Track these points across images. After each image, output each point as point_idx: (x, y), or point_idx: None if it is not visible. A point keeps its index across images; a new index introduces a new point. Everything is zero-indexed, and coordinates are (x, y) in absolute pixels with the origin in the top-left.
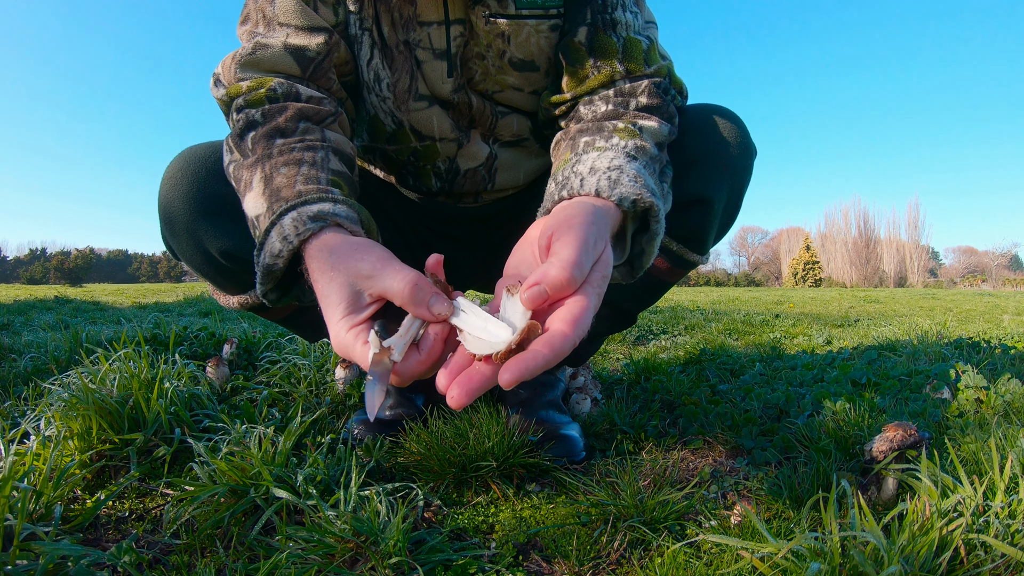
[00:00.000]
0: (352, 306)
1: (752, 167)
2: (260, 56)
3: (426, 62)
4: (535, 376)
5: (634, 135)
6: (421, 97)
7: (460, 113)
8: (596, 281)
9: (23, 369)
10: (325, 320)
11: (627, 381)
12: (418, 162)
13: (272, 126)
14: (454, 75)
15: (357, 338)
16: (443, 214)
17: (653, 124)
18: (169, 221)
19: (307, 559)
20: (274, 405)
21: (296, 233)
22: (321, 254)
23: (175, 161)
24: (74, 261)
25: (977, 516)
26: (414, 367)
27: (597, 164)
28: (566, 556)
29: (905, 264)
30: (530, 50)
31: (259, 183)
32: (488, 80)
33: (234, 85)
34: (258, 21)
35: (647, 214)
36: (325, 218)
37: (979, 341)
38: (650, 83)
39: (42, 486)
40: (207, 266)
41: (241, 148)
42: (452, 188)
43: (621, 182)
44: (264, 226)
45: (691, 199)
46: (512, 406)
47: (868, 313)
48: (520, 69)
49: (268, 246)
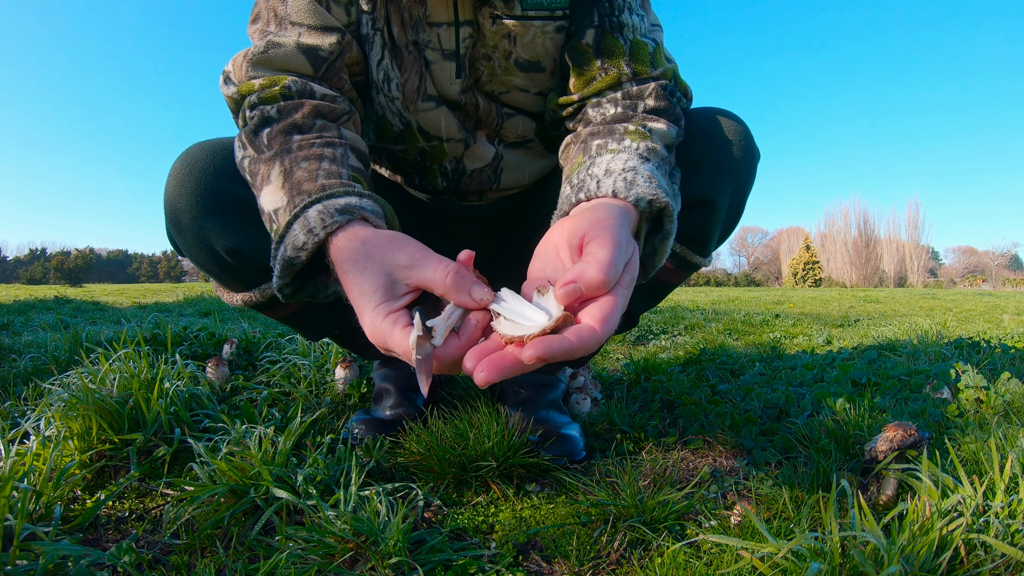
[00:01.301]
0: (388, 294)
1: (756, 170)
2: (272, 55)
3: (435, 63)
4: (555, 359)
5: (645, 137)
6: (429, 98)
7: (467, 114)
8: (625, 282)
9: (23, 369)
10: (357, 310)
11: (627, 381)
12: (425, 162)
13: (289, 122)
14: (462, 76)
15: (396, 323)
16: (448, 213)
17: (662, 126)
18: (175, 219)
19: (307, 559)
20: (274, 405)
21: (323, 225)
22: (352, 244)
23: (181, 158)
24: (74, 261)
25: (977, 516)
26: (454, 352)
27: (612, 166)
28: (566, 556)
29: (905, 264)
30: (536, 51)
31: (278, 177)
32: (494, 81)
33: (246, 83)
34: (269, 20)
35: (661, 214)
36: (352, 211)
37: (979, 341)
38: (657, 86)
39: (42, 486)
40: (212, 264)
41: (256, 143)
42: (458, 187)
43: (637, 183)
44: (285, 219)
45: (695, 201)
46: (512, 406)
47: (868, 313)
48: (526, 70)
49: (290, 238)
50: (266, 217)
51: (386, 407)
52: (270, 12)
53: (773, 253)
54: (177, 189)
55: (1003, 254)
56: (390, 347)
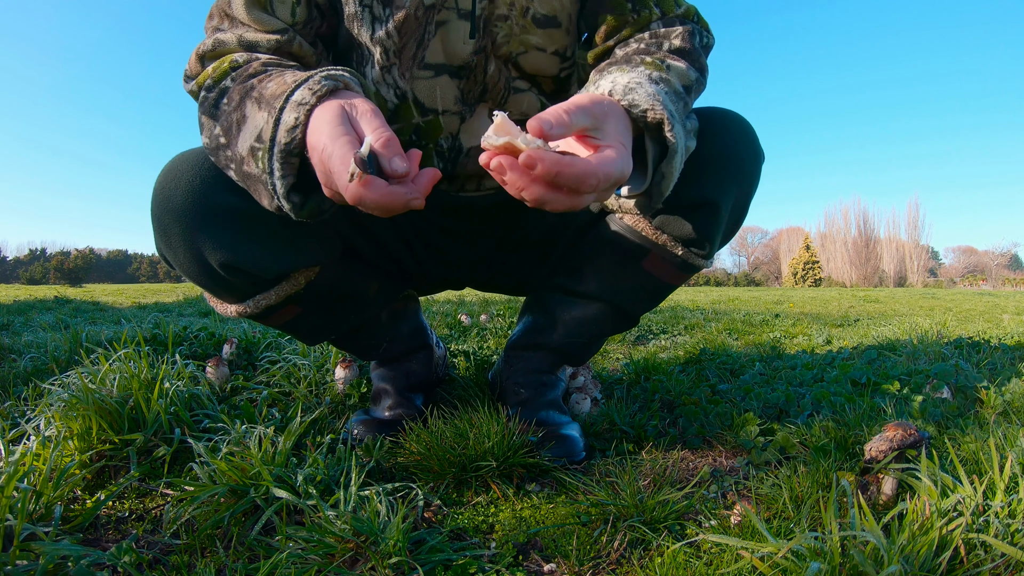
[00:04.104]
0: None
1: (760, 173)
2: (219, 51)
3: (448, 22)
4: (548, 167)
5: (660, 69)
6: (427, 66)
7: (473, 81)
8: (614, 129)
9: (23, 369)
10: (326, 155)
11: (627, 381)
12: (420, 141)
13: (244, 75)
14: (476, 36)
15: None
16: (443, 204)
17: (681, 65)
18: (164, 235)
19: (307, 559)
20: (274, 405)
21: (312, 92)
22: (341, 96)
23: (166, 171)
24: (74, 261)
25: (977, 516)
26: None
27: (617, 80)
28: (566, 556)
29: (905, 264)
30: (552, 5)
31: (252, 107)
32: (512, 41)
33: (200, 75)
34: (222, 18)
35: (660, 130)
36: (337, 79)
37: (979, 341)
38: (684, 29)
39: (42, 486)
40: (206, 278)
41: (219, 110)
42: (455, 170)
43: (635, 91)
44: (271, 123)
45: (698, 203)
46: (512, 406)
47: (868, 313)
48: (543, 26)
49: (282, 128)
50: (250, 151)
51: (385, 407)
52: (220, 11)
53: (773, 253)
54: (164, 206)
55: (1003, 254)
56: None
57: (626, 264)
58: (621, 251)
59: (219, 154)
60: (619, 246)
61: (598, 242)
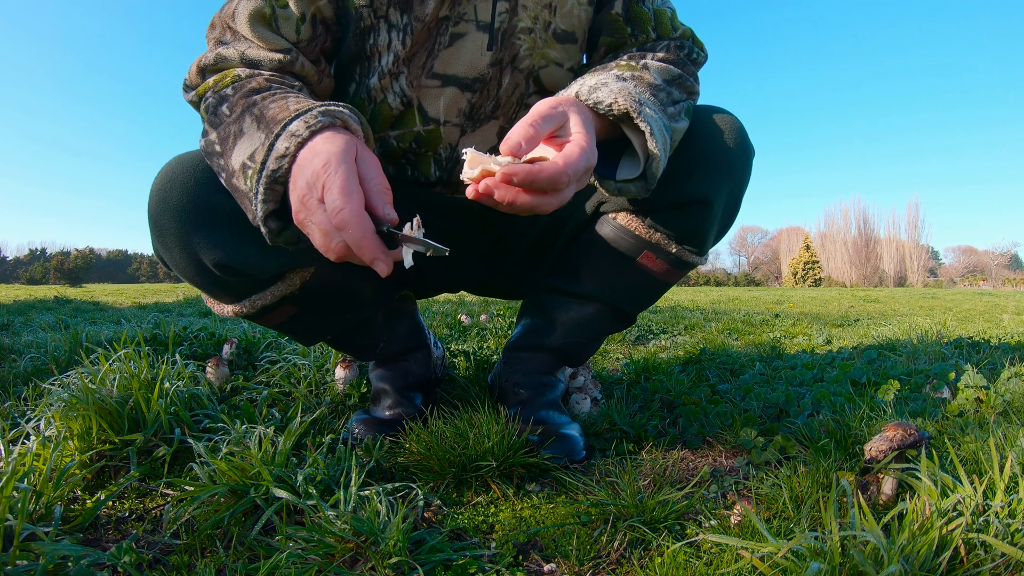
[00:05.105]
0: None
1: (751, 168)
2: (220, 66)
3: (466, 34)
4: (521, 178)
5: (633, 68)
6: (435, 75)
7: (486, 95)
8: (576, 126)
9: (23, 369)
10: (338, 189)
11: (627, 381)
12: (419, 149)
13: (247, 89)
14: (493, 48)
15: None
16: (439, 206)
17: (660, 64)
18: (161, 236)
19: (307, 559)
20: (274, 405)
21: (307, 126)
22: (338, 133)
23: (162, 173)
24: (74, 261)
25: (977, 515)
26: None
27: (585, 82)
28: (566, 556)
29: (905, 264)
30: (572, 21)
31: (251, 124)
32: (534, 54)
33: (201, 85)
34: (224, 30)
35: (627, 119)
36: (334, 115)
37: (979, 340)
38: (671, 43)
39: (42, 486)
40: (202, 278)
41: (218, 116)
42: (451, 177)
43: (600, 90)
44: (265, 146)
45: (691, 200)
46: (512, 406)
47: (868, 313)
48: (563, 41)
49: (273, 154)
50: (242, 167)
51: (385, 407)
52: (223, 24)
53: (773, 253)
54: (160, 205)
55: (1003, 254)
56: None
57: (621, 264)
58: (616, 251)
59: (213, 160)
60: (613, 246)
61: (593, 243)
